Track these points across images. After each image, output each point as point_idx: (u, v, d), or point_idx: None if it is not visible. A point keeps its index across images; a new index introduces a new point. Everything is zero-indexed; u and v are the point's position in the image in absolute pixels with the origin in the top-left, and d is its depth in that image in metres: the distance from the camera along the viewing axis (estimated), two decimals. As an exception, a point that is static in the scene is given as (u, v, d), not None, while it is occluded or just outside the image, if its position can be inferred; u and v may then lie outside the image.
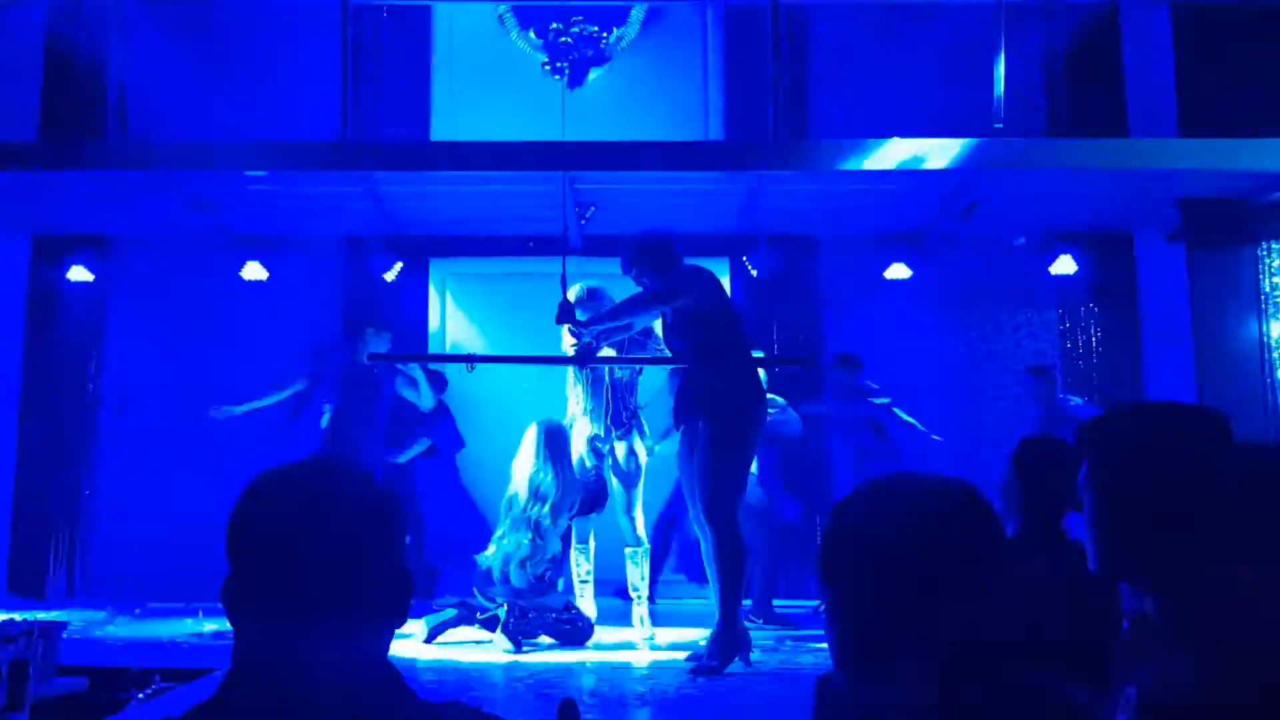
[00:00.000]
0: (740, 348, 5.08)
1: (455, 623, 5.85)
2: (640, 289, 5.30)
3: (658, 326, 5.61)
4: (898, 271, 8.35)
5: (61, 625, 4.32)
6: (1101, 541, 1.76)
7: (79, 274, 8.22)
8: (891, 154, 6.99)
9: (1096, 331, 8.44)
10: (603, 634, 5.96)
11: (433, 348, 8.67)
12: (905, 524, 1.35)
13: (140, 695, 4.25)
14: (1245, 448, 1.65)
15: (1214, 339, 7.53)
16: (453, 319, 8.81)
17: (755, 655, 4.95)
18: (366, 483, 1.39)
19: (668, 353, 5.48)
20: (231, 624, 1.33)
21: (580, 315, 5.52)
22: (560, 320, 5.33)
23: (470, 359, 6.64)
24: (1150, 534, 1.64)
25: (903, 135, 7.24)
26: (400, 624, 1.37)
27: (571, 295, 5.68)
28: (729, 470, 4.77)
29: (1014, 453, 3.20)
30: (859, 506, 1.41)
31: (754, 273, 8.50)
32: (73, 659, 4.51)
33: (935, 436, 7.61)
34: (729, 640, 4.77)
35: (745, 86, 8.51)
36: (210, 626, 6.24)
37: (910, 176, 7.19)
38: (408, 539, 5.63)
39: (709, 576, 4.86)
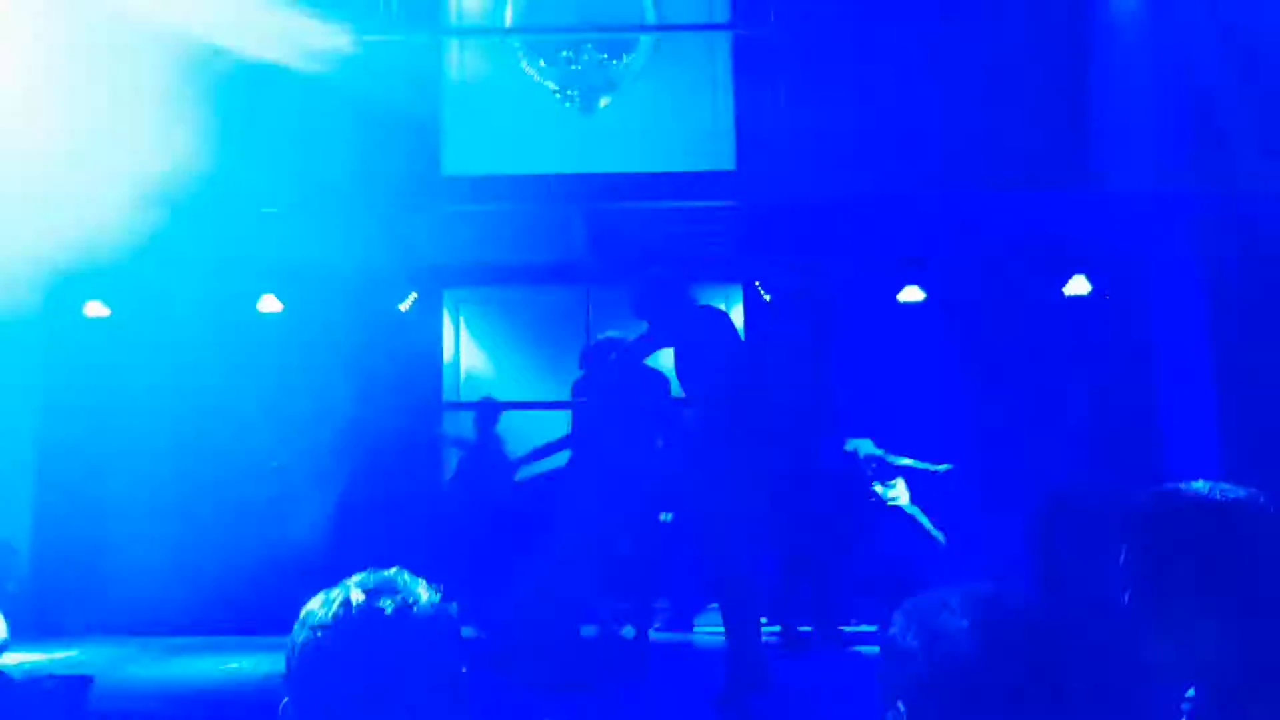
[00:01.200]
0: (746, 391, 5.01)
1: None
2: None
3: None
4: (911, 294, 8.35)
5: (88, 680, 4.30)
6: (1147, 632, 1.74)
7: (96, 309, 8.27)
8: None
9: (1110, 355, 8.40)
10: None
11: (446, 377, 8.69)
12: (976, 639, 1.34)
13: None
14: None
15: (1236, 362, 7.50)
16: (466, 348, 8.83)
17: None
18: (425, 603, 1.39)
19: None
20: None
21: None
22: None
23: None
24: (1199, 627, 1.63)
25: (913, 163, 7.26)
26: None
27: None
28: (730, 509, 4.80)
29: (1040, 511, 3.21)
30: (919, 616, 1.40)
31: (766, 297, 8.51)
32: (99, 707, 4.50)
33: (941, 468, 7.62)
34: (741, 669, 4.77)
35: (754, 110, 8.53)
36: (234, 664, 6.24)
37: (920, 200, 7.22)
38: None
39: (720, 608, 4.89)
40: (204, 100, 7.81)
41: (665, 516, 6.29)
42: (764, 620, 6.05)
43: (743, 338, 5.23)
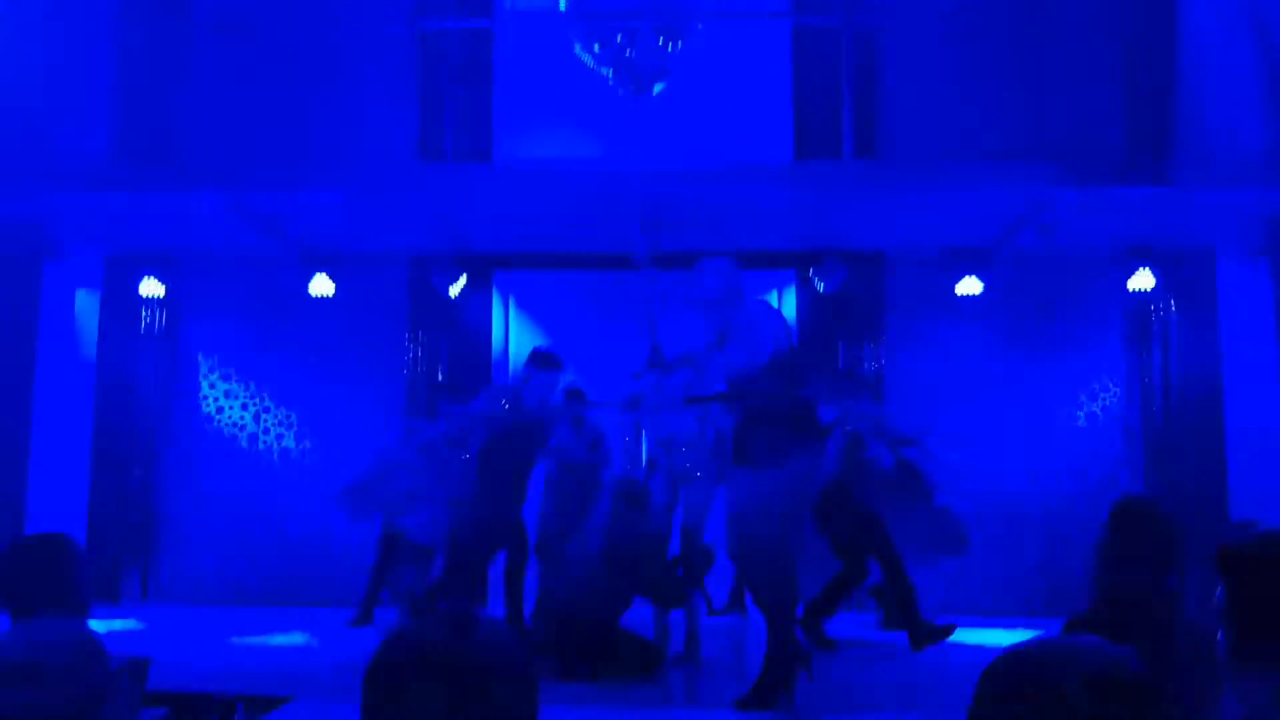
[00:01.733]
0: (788, 389, 4.87)
1: None
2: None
3: None
4: (969, 286, 8.20)
5: (148, 661, 4.33)
6: (1242, 670, 1.67)
7: (151, 288, 8.35)
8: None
9: (1174, 350, 8.20)
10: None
11: (496, 363, 8.70)
12: (1071, 697, 1.28)
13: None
14: None
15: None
16: (516, 333, 8.81)
17: None
18: (505, 646, 1.35)
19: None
20: None
21: None
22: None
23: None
24: None
25: (971, 156, 7.11)
26: None
27: None
28: (765, 508, 4.73)
29: (1111, 514, 3.17)
30: (1016, 673, 1.34)
31: (820, 287, 8.40)
32: (152, 681, 4.54)
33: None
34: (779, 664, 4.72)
35: (813, 100, 8.42)
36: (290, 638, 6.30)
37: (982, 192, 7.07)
38: None
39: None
40: (261, 88, 7.85)
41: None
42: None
43: (792, 332, 5.08)
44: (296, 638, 6.83)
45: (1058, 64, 7.63)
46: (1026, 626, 6.92)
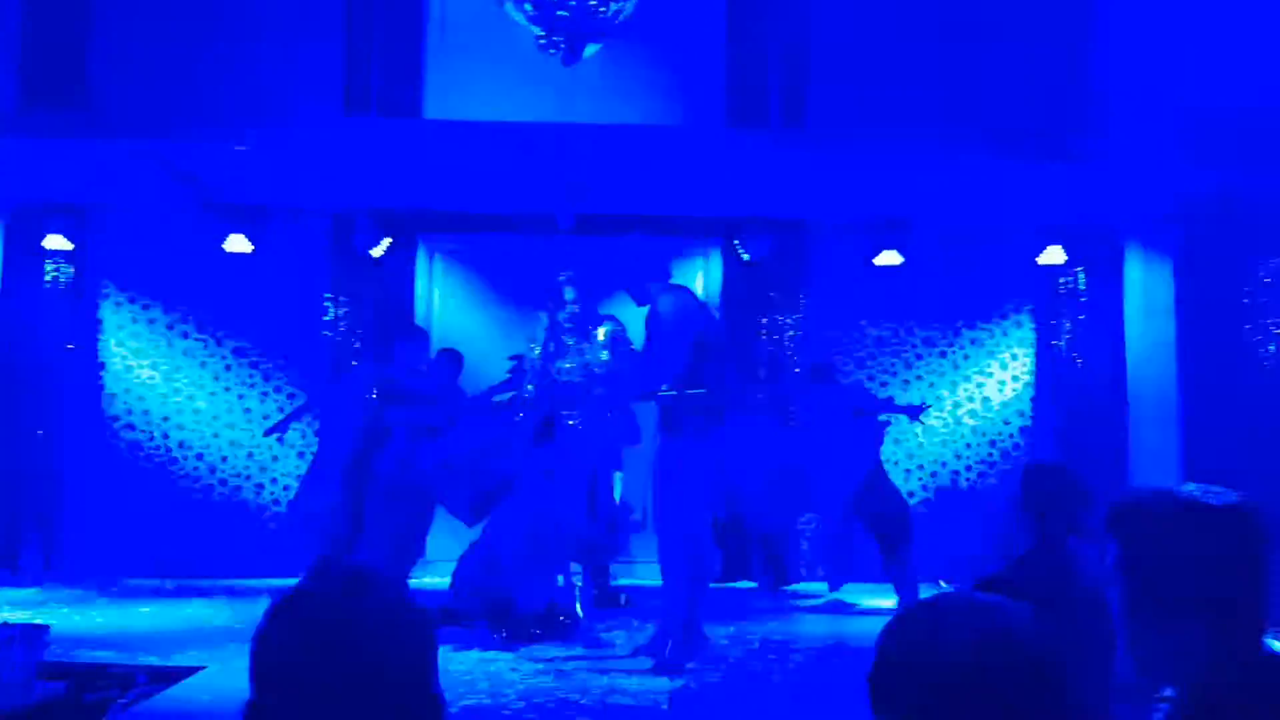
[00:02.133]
0: (703, 371, 5.06)
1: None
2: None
3: None
4: (888, 259, 8.33)
5: (44, 629, 4.22)
6: (1133, 632, 1.74)
7: (57, 243, 8.05)
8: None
9: (1081, 323, 8.45)
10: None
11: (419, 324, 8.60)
12: (966, 652, 1.31)
13: (122, 701, 4.16)
14: None
15: (1199, 342, 7.58)
16: (439, 295, 8.72)
17: None
18: (397, 599, 1.34)
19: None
20: None
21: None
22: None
23: None
24: (1184, 628, 1.64)
25: (901, 122, 7.21)
26: None
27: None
28: (681, 482, 4.95)
29: (1022, 477, 3.30)
30: (914, 631, 1.37)
31: (745, 256, 8.46)
32: (52, 654, 4.41)
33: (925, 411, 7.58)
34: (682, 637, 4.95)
35: (743, 67, 8.42)
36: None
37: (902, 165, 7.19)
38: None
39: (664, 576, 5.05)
40: (180, 30, 7.60)
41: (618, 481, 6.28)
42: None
43: (715, 312, 5.28)
44: (205, 609, 6.64)
45: (981, 42, 7.75)
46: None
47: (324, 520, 6.79)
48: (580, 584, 6.17)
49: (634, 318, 5.62)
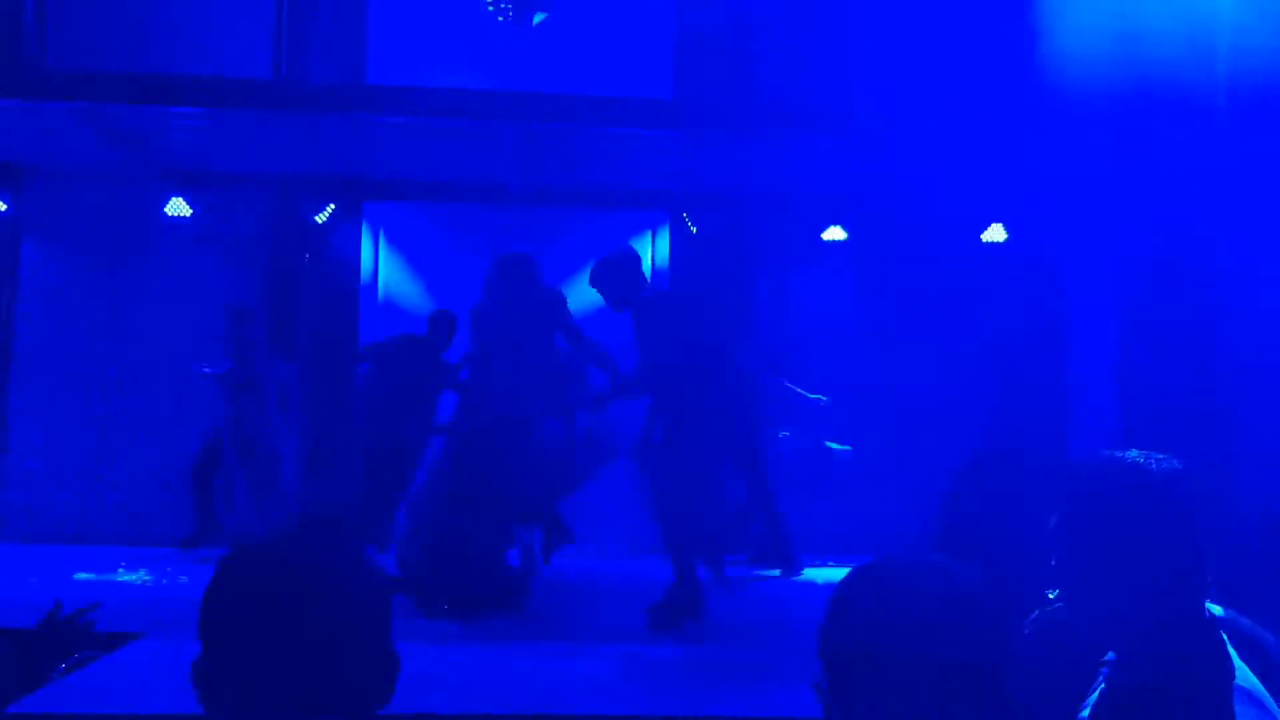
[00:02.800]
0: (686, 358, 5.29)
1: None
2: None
3: None
4: (834, 234, 8.39)
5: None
6: (1074, 594, 1.78)
7: (-10, 204, 7.85)
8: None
9: (1022, 298, 8.57)
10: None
11: (364, 292, 8.52)
12: (915, 610, 1.34)
13: (62, 666, 4.08)
14: None
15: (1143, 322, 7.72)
16: (386, 263, 8.64)
17: None
18: (351, 559, 1.33)
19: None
20: (204, 708, 1.26)
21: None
22: None
23: None
24: (1126, 590, 1.67)
25: (844, 96, 7.24)
26: (382, 708, 1.30)
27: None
28: (679, 458, 5.23)
29: (960, 468, 3.33)
30: (864, 590, 1.40)
31: (693, 229, 8.47)
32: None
33: (819, 397, 7.75)
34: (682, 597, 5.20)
35: (695, 39, 8.40)
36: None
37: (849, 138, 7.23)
38: None
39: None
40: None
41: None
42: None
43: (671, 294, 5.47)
44: (141, 575, 6.56)
45: (932, 14, 7.79)
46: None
47: None
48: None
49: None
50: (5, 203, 7.86)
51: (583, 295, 7.16)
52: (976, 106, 7.45)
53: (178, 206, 7.88)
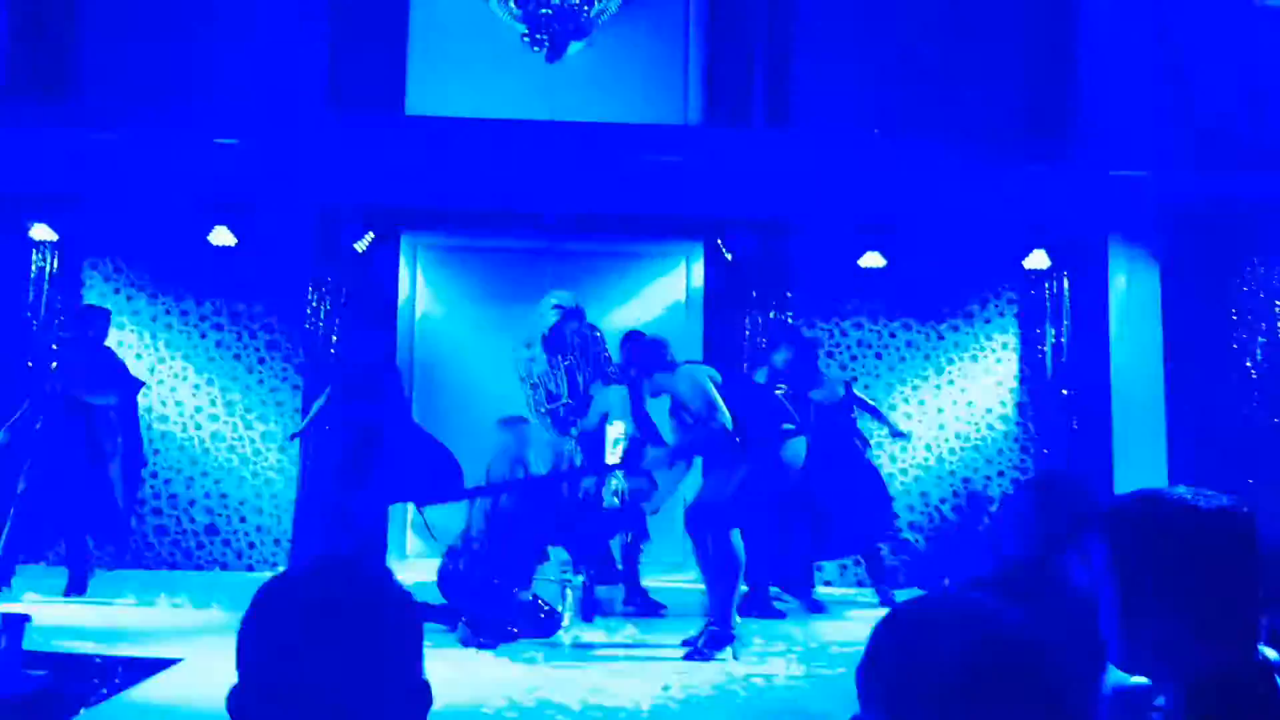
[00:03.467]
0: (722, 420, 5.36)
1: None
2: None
3: None
4: (872, 260, 8.36)
5: (24, 618, 4.21)
6: (1123, 634, 1.75)
7: (42, 233, 8.01)
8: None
9: (1065, 328, 8.49)
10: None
11: (401, 321, 8.59)
12: (957, 652, 1.32)
13: (103, 692, 4.14)
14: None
15: (1185, 348, 7.63)
16: (422, 292, 8.71)
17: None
18: (385, 587, 1.34)
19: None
20: None
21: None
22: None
23: None
24: (1175, 631, 1.64)
25: (881, 129, 7.25)
26: None
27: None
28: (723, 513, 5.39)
29: (1027, 482, 3.32)
30: (904, 630, 1.38)
31: (728, 256, 8.47)
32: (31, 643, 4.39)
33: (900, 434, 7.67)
34: (721, 634, 5.30)
35: (726, 66, 8.45)
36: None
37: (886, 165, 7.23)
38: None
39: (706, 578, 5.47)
40: (164, 19, 7.57)
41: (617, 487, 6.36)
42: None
43: (717, 376, 5.57)
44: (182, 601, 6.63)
45: (965, 42, 7.79)
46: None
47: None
48: (581, 580, 6.21)
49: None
50: (57, 229, 8.01)
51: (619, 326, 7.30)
52: (1011, 127, 7.45)
53: (222, 236, 8.00)
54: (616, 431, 6.25)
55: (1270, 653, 1.65)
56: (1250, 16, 7.07)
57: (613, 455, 6.22)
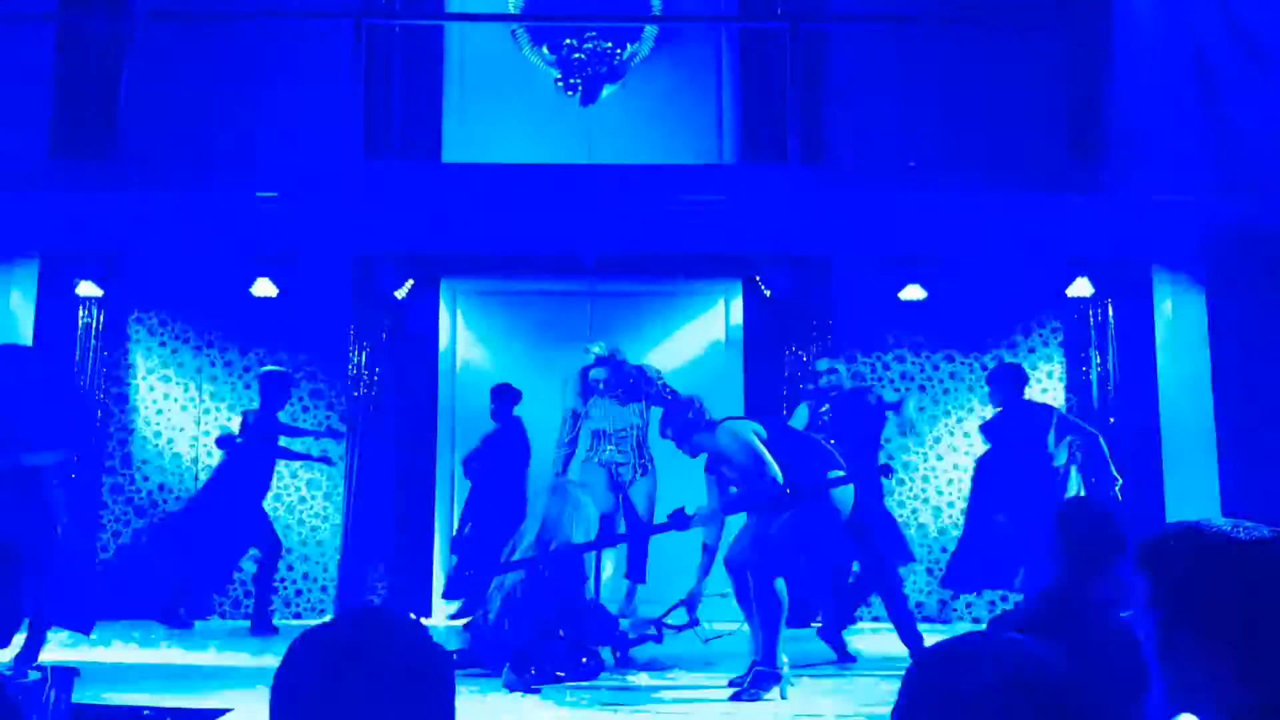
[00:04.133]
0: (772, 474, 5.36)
1: None
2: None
3: None
4: (913, 293, 8.28)
5: (74, 671, 4.25)
6: (1165, 671, 1.70)
7: (88, 289, 8.18)
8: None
9: (1111, 356, 8.34)
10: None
11: (442, 366, 8.65)
12: (994, 693, 1.29)
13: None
14: None
15: (1234, 374, 7.47)
16: (462, 337, 8.77)
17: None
18: (415, 637, 1.35)
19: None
20: None
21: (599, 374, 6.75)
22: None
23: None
24: (1216, 668, 1.59)
25: (917, 161, 7.22)
26: None
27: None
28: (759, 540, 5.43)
29: (1058, 512, 3.29)
30: (941, 670, 1.35)
31: (767, 293, 8.45)
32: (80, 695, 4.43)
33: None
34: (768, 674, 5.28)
35: (760, 105, 8.48)
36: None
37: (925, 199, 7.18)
38: None
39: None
40: (203, 79, 7.75)
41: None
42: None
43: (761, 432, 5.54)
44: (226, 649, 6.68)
45: (1000, 71, 7.75)
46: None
47: None
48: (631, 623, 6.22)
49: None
50: (102, 286, 8.18)
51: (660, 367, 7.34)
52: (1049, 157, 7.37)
53: (264, 287, 8.11)
54: None
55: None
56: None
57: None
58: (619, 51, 8.51)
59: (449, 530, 8.32)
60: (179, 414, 8.46)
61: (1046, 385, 8.45)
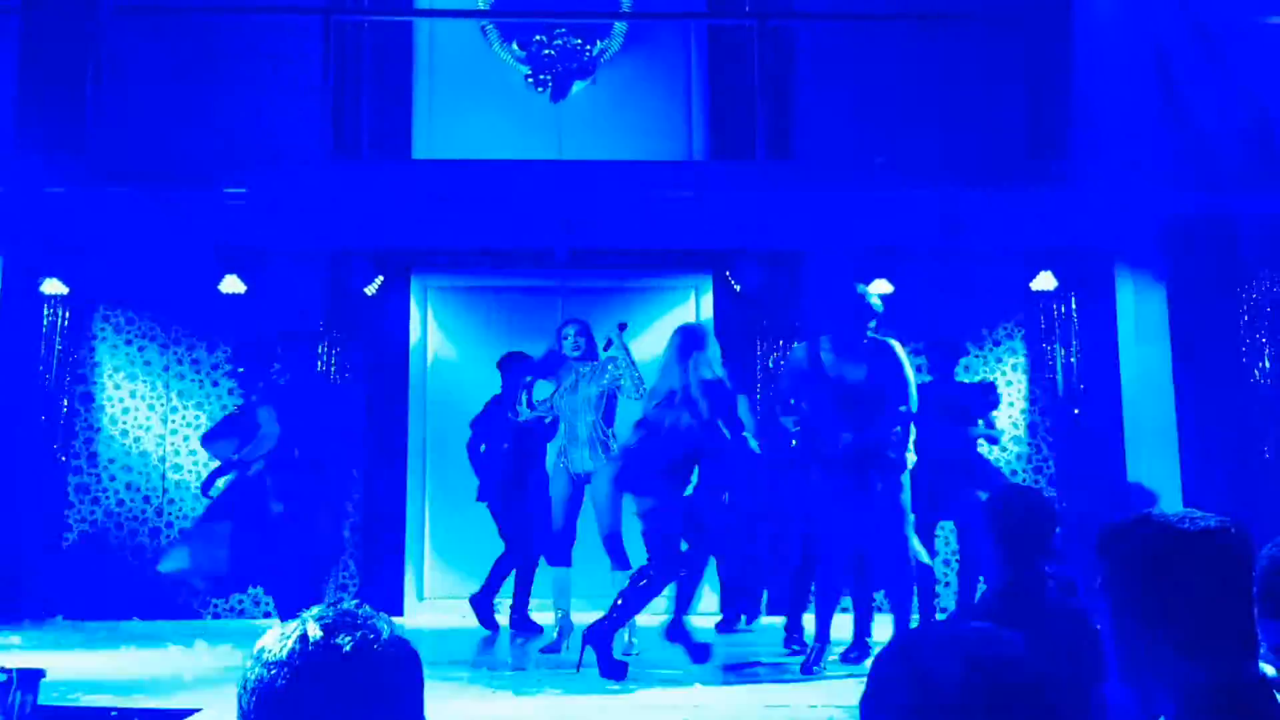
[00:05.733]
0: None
1: None
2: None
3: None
4: (879, 287, 8.35)
5: (39, 673, 4.21)
6: (1123, 653, 1.76)
7: (53, 287, 8.10)
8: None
9: (1074, 349, 8.46)
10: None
11: (413, 362, 8.64)
12: (959, 681, 1.32)
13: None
14: None
15: (1195, 366, 7.59)
16: (433, 333, 8.76)
17: None
18: (382, 636, 1.35)
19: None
20: None
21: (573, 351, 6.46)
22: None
23: None
24: (1163, 649, 1.65)
25: (883, 156, 7.29)
26: None
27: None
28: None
29: (990, 502, 3.34)
30: (906, 660, 1.39)
31: (737, 287, 8.50)
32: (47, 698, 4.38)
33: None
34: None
35: (728, 101, 8.53)
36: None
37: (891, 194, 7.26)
38: None
39: None
40: (171, 78, 7.70)
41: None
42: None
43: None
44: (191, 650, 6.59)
45: (963, 68, 7.85)
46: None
47: None
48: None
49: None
50: (67, 283, 8.10)
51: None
52: (1012, 151, 7.46)
53: (232, 284, 8.07)
54: None
55: (1269, 669, 1.66)
56: (1248, 33, 7.09)
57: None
58: (589, 48, 8.52)
59: (421, 526, 8.32)
60: (146, 412, 8.40)
61: (1011, 378, 8.55)
